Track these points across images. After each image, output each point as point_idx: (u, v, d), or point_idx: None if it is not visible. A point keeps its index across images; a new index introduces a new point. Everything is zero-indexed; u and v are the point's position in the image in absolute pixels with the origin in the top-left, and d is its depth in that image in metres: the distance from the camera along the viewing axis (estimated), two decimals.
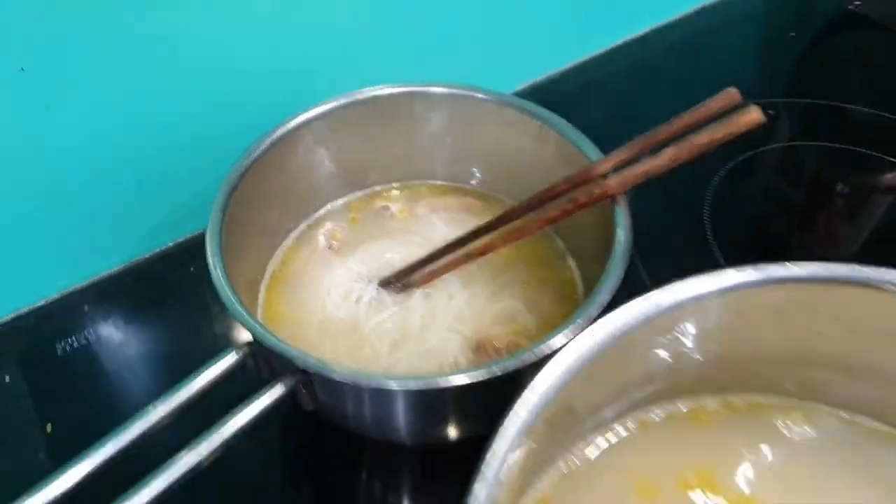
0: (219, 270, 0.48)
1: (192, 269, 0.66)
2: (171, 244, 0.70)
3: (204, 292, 0.61)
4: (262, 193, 0.57)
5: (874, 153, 0.72)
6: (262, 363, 0.48)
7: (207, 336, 0.62)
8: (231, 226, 0.52)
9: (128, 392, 0.60)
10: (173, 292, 0.66)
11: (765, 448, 0.44)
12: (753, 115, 0.42)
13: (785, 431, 0.45)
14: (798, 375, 0.44)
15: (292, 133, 0.58)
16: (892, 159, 0.71)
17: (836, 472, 0.43)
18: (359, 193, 0.66)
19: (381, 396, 0.44)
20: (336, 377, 0.43)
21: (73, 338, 0.63)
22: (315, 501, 0.55)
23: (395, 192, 0.66)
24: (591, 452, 0.43)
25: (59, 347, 0.62)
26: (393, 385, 0.42)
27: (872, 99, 0.78)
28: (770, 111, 0.75)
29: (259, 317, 0.56)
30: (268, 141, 0.56)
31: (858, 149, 0.72)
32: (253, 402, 0.46)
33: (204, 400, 0.46)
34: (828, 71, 0.87)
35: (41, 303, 0.66)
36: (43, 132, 0.58)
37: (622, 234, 0.48)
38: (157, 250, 0.70)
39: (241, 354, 0.48)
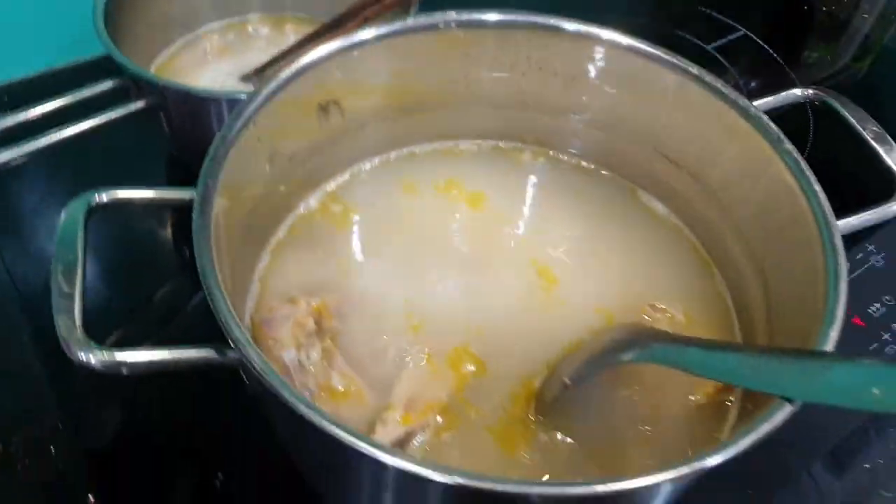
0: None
1: None
2: None
3: None
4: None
5: None
6: (133, 90, 0.63)
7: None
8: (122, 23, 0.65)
9: None
10: None
11: (504, 175, 0.61)
12: None
13: (518, 168, 0.62)
14: (527, 123, 0.61)
15: None
16: None
17: (560, 206, 0.59)
18: (235, 19, 0.81)
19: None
20: (196, 93, 0.58)
21: None
22: None
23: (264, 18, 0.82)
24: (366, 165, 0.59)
25: None
26: None
27: None
28: None
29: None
30: None
31: None
32: (108, 111, 0.60)
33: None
34: None
35: None
36: None
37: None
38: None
39: (116, 81, 0.63)
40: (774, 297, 0.47)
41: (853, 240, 0.68)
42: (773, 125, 0.47)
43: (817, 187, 0.44)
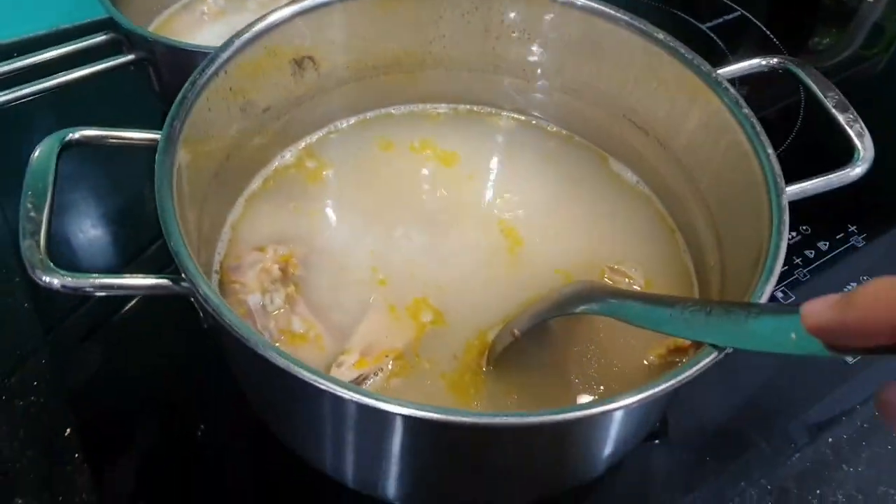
0: None
1: None
2: None
3: None
4: None
5: None
6: (126, 44, 0.65)
7: None
8: None
9: None
10: None
11: (477, 138, 0.62)
12: None
13: (492, 132, 0.63)
14: (501, 87, 0.62)
15: None
16: None
17: (531, 170, 0.60)
18: None
19: None
20: (183, 48, 0.60)
21: None
22: None
23: None
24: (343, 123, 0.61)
25: None
26: None
27: None
28: None
29: None
30: None
31: None
32: (100, 62, 0.62)
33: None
34: None
35: None
36: None
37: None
38: None
39: (110, 36, 0.65)
40: (729, 261, 0.48)
41: (836, 220, 0.70)
42: (732, 89, 0.48)
43: (770, 150, 0.45)
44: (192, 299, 0.38)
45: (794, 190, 0.45)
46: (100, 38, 0.65)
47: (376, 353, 0.48)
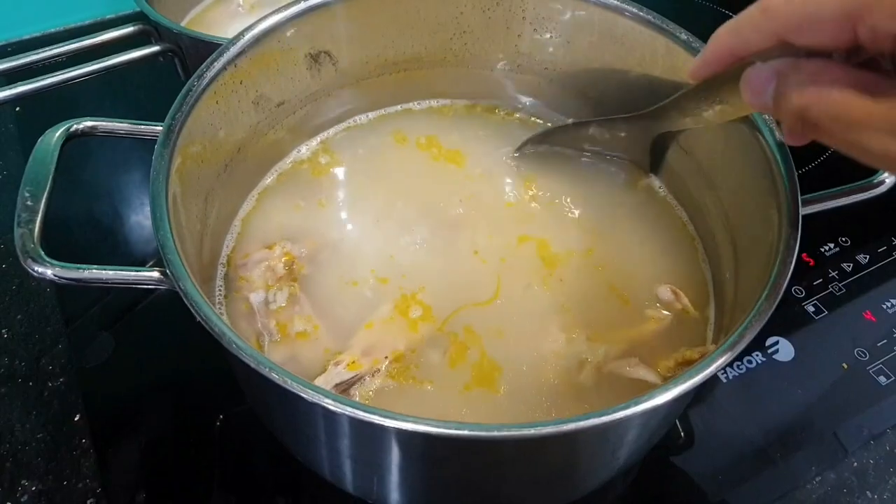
0: None
1: None
2: None
3: None
4: None
5: None
6: (154, 36, 0.66)
7: None
8: None
9: None
10: None
11: (496, 136, 0.61)
12: None
13: (513, 130, 0.61)
14: (523, 86, 0.60)
15: None
16: None
17: (550, 170, 0.59)
18: None
19: None
20: (208, 40, 0.60)
21: None
22: None
23: None
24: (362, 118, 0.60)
25: None
26: None
27: None
28: None
29: None
30: None
31: None
32: (127, 52, 0.63)
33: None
34: None
35: None
36: None
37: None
38: None
39: (139, 27, 0.65)
40: (743, 273, 0.46)
41: (879, 232, 0.66)
42: None
43: (787, 156, 0.43)
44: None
45: (813, 198, 0.43)
46: (130, 29, 0.66)
47: (375, 354, 0.47)
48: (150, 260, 0.66)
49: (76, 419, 0.54)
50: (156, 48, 0.65)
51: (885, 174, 0.43)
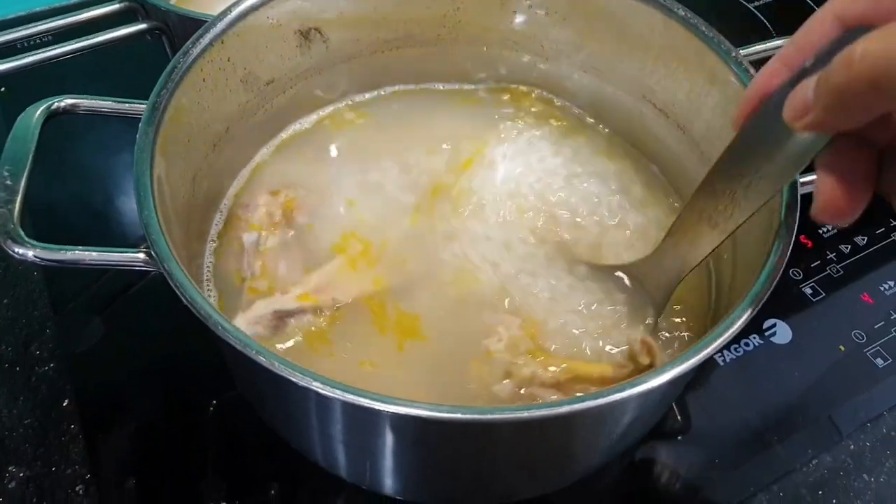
0: None
1: None
2: None
3: None
4: None
5: None
6: (140, 13, 0.64)
7: None
8: None
9: None
10: None
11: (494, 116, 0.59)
12: None
13: (513, 112, 0.60)
14: (520, 66, 0.59)
15: None
16: None
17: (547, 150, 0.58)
18: None
19: None
20: (195, 17, 0.59)
21: None
22: None
23: None
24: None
25: None
26: None
27: None
28: None
29: None
30: None
31: None
32: (113, 29, 0.62)
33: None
34: None
35: None
36: None
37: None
38: None
39: (125, 4, 0.64)
40: (740, 250, 0.45)
41: (878, 214, 0.65)
42: (753, 70, 0.44)
43: None
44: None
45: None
46: (116, 6, 0.64)
47: (325, 295, 0.47)
48: (142, 244, 0.65)
49: (65, 404, 0.53)
50: (143, 26, 0.63)
51: None
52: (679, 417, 0.54)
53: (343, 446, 0.40)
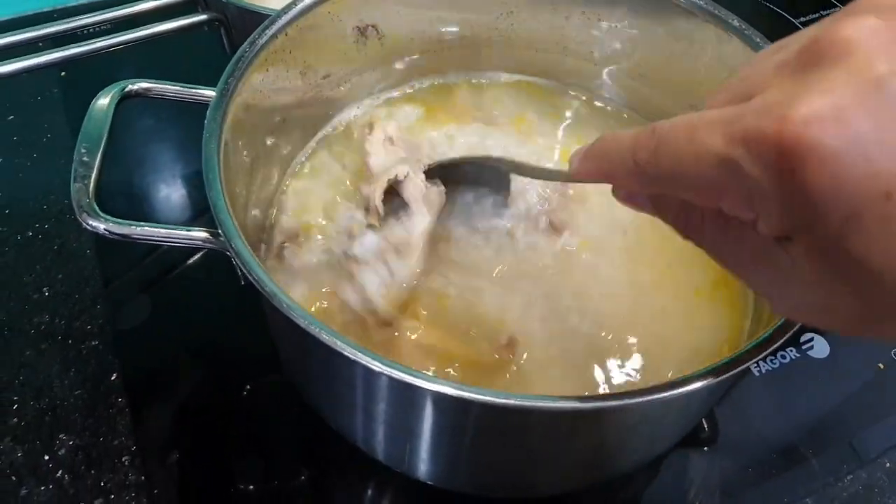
0: None
1: None
2: None
3: None
4: None
5: None
6: (200, 4, 0.66)
7: None
8: None
9: None
10: None
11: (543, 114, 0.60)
12: None
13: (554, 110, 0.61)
14: (567, 67, 0.60)
15: None
16: None
17: None
18: None
19: None
20: (254, 10, 0.60)
21: None
22: None
23: None
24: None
25: None
26: None
27: None
28: None
29: None
30: None
31: None
32: (171, 21, 0.64)
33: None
34: None
35: None
36: None
37: None
38: None
39: None
40: None
41: None
42: None
43: None
44: (228, 253, 0.38)
45: None
46: None
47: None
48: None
49: (112, 378, 0.55)
50: (202, 17, 0.65)
51: None
52: (706, 427, 0.54)
53: (385, 426, 0.41)
